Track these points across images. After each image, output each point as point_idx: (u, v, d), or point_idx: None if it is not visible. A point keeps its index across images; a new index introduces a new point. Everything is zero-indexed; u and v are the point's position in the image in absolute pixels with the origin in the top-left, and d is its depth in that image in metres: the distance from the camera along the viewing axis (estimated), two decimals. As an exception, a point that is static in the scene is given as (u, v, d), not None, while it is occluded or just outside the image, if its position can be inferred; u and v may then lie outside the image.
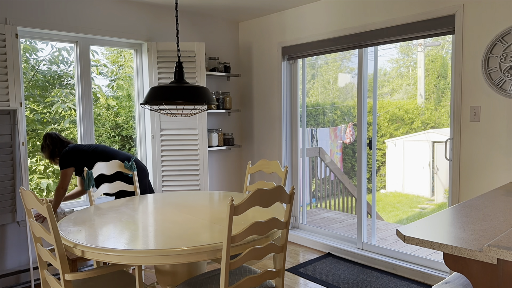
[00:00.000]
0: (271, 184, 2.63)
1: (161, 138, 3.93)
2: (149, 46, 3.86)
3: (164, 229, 2.05)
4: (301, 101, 4.35)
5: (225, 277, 1.74)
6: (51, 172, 3.97)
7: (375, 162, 3.94)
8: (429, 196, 7.63)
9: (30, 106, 3.75)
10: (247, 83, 4.67)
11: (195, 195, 2.89)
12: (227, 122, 4.64)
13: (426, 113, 7.71)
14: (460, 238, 1.49)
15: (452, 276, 1.89)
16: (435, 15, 3.09)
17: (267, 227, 1.83)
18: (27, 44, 3.63)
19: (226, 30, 4.58)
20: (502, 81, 2.78)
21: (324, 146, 6.72)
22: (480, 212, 1.87)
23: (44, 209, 1.80)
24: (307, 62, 4.42)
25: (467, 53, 2.96)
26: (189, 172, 3.96)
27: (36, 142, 3.83)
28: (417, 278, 3.30)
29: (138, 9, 3.85)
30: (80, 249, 1.83)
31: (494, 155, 2.88)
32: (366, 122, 3.77)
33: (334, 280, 3.34)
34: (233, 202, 1.69)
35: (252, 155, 4.69)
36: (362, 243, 3.81)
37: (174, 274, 2.26)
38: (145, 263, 1.77)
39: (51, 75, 3.87)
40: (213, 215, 2.30)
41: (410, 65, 7.90)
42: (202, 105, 2.63)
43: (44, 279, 2.10)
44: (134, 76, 4.04)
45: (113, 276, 2.23)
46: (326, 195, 5.99)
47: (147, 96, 2.41)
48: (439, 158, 7.24)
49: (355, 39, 3.62)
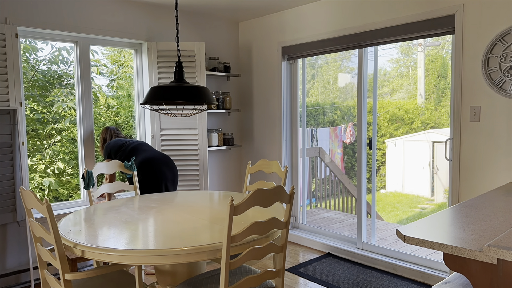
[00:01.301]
0: (271, 184, 2.62)
1: (161, 138, 3.93)
2: (149, 46, 3.86)
3: (164, 229, 2.05)
4: (301, 101, 4.35)
5: (225, 277, 1.74)
6: (51, 171, 3.98)
7: (375, 162, 3.94)
8: (429, 196, 7.63)
9: (30, 105, 3.75)
10: (247, 83, 4.67)
11: (195, 195, 2.89)
12: (227, 122, 4.64)
13: (426, 113, 7.71)
14: (460, 238, 1.49)
15: (452, 276, 1.89)
16: (435, 15, 3.09)
17: (267, 227, 1.83)
18: (27, 44, 3.63)
19: (226, 30, 4.58)
20: (502, 81, 2.78)
21: (324, 146, 6.72)
22: (480, 212, 1.87)
23: (44, 209, 1.80)
24: (307, 62, 4.42)
25: (467, 53, 2.96)
26: (189, 172, 3.95)
27: (36, 142, 3.84)
28: (417, 278, 3.30)
29: (138, 9, 3.85)
30: (80, 249, 1.83)
31: (494, 155, 2.88)
32: (366, 122, 3.77)
33: (334, 280, 3.34)
34: (233, 202, 1.69)
35: (252, 155, 4.69)
36: (362, 243, 3.81)
37: (174, 274, 2.26)
38: (145, 263, 1.77)
39: (51, 75, 3.87)
40: (213, 215, 2.30)
41: (410, 65, 7.91)
42: (202, 105, 2.64)
43: (44, 279, 2.10)
44: (134, 76, 4.04)
45: (113, 276, 2.23)
46: (326, 195, 5.99)
47: (147, 96, 2.41)
48: (439, 158, 7.24)
49: (355, 39, 3.62)
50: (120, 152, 3.30)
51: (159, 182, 3.21)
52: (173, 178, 3.33)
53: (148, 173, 3.18)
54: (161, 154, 3.33)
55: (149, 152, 3.31)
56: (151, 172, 3.19)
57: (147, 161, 3.20)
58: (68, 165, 4.05)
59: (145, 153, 3.28)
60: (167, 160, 3.31)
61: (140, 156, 3.23)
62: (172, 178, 3.31)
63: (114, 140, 3.41)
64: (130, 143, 3.36)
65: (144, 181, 3.17)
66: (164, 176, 3.24)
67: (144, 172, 3.17)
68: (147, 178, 3.18)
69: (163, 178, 3.24)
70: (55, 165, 3.99)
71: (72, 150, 4.05)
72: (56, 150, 3.97)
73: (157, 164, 3.22)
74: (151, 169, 3.19)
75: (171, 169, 3.31)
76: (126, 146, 3.33)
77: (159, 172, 3.22)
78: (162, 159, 3.28)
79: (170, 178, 3.29)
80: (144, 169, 3.18)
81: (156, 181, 3.20)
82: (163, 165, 3.25)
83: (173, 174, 3.32)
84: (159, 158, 3.27)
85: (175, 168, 3.35)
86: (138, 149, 3.31)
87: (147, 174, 3.18)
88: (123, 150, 3.30)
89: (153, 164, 3.21)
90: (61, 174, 4.05)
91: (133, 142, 3.38)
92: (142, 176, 3.17)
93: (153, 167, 3.20)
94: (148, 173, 3.18)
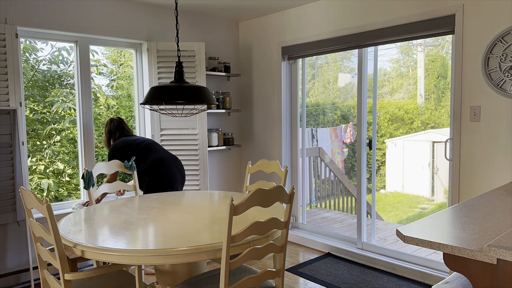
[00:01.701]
0: (271, 184, 2.62)
1: (161, 138, 3.93)
2: (149, 46, 3.86)
3: (164, 229, 2.05)
4: (301, 101, 4.35)
5: (225, 277, 1.74)
6: (51, 172, 3.97)
7: (375, 162, 3.94)
8: (429, 196, 7.63)
9: (30, 106, 3.75)
10: (247, 83, 4.67)
11: (195, 195, 2.89)
12: (227, 122, 4.64)
13: (426, 113, 7.71)
14: (460, 238, 1.49)
15: (452, 276, 1.89)
16: (435, 15, 3.09)
17: (267, 227, 1.83)
18: (27, 44, 3.63)
19: (226, 30, 4.58)
20: (502, 81, 2.78)
21: (325, 146, 6.72)
22: (480, 212, 1.87)
23: (44, 209, 1.80)
24: (307, 62, 4.42)
25: (467, 53, 2.96)
26: (189, 172, 3.95)
27: (36, 142, 3.83)
28: (417, 278, 3.30)
29: (138, 9, 3.85)
30: (80, 248, 1.83)
31: (494, 155, 2.88)
32: (366, 122, 3.77)
33: (334, 280, 3.34)
34: (233, 202, 1.69)
35: (252, 155, 4.69)
36: (362, 243, 3.81)
37: (174, 274, 2.26)
38: (145, 263, 1.77)
39: (51, 75, 3.87)
40: (213, 215, 2.30)
41: (410, 65, 7.91)
42: (202, 105, 2.64)
43: (44, 279, 2.10)
44: (134, 76, 4.04)
45: (113, 276, 2.23)
46: (326, 195, 5.99)
47: (147, 96, 2.41)
48: (439, 158, 7.24)
49: (355, 39, 3.62)
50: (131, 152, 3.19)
51: (169, 184, 3.18)
52: (182, 180, 3.30)
53: (159, 175, 3.14)
54: (171, 155, 3.29)
55: (161, 152, 3.25)
56: (162, 173, 3.15)
57: (159, 162, 3.15)
58: (68, 165, 4.05)
59: (158, 153, 3.21)
60: (177, 162, 3.28)
61: (152, 156, 3.17)
62: (181, 180, 3.29)
63: (120, 141, 3.28)
64: (139, 142, 3.26)
65: (153, 181, 3.14)
66: (174, 178, 3.21)
67: (154, 173, 3.13)
68: (157, 179, 3.14)
69: (174, 179, 3.21)
70: (55, 165, 3.99)
71: (72, 150, 4.04)
72: (56, 150, 3.97)
73: (169, 166, 3.18)
74: (162, 171, 3.15)
75: (180, 170, 3.28)
76: (136, 145, 3.23)
77: (170, 173, 3.18)
78: (173, 160, 3.24)
79: (180, 180, 3.26)
80: (155, 170, 3.13)
81: (166, 182, 3.17)
82: (174, 167, 3.22)
83: (182, 176, 3.30)
84: (170, 160, 3.22)
85: (183, 169, 3.32)
86: (151, 148, 3.22)
87: (157, 175, 3.14)
88: (134, 149, 3.20)
89: (165, 165, 3.17)
90: (61, 175, 4.05)
91: (143, 141, 3.28)
92: (151, 177, 3.13)
93: (164, 169, 3.16)
94: (159, 174, 3.14)
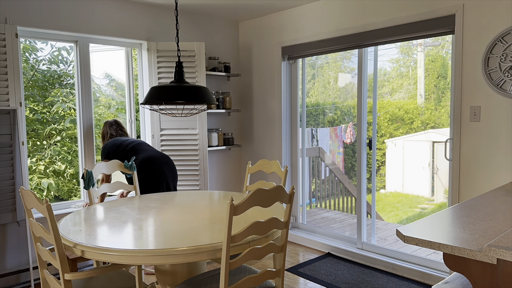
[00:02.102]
0: (271, 184, 2.62)
1: (161, 138, 3.93)
2: (149, 46, 3.86)
3: (164, 229, 2.05)
4: (301, 101, 4.35)
5: (225, 277, 1.74)
6: (51, 172, 3.98)
7: (375, 162, 3.94)
8: (429, 196, 7.63)
9: (30, 105, 3.75)
10: (247, 83, 4.67)
11: (195, 195, 2.89)
12: (227, 122, 4.64)
13: (426, 113, 7.71)
14: (460, 238, 1.49)
15: (452, 276, 1.89)
16: (435, 15, 3.09)
17: (267, 227, 1.83)
18: (27, 43, 3.63)
19: (226, 30, 4.58)
20: (502, 81, 2.78)
21: (325, 146, 6.72)
22: (480, 212, 1.87)
23: (44, 209, 1.80)
24: (307, 62, 4.42)
25: (467, 53, 2.96)
26: (189, 172, 3.95)
27: (36, 142, 3.83)
28: (417, 278, 3.30)
29: (138, 9, 3.85)
30: (80, 248, 1.83)
31: (494, 155, 2.88)
32: (366, 122, 3.77)
33: (334, 280, 3.34)
34: (233, 202, 1.69)
35: (252, 155, 4.69)
36: (362, 243, 3.81)
37: (174, 274, 2.26)
38: (145, 263, 1.77)
39: (51, 74, 3.87)
40: (213, 215, 2.30)
41: (410, 65, 7.90)
42: (202, 105, 2.64)
43: (44, 279, 2.10)
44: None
45: (113, 276, 2.23)
46: (326, 195, 5.99)
47: (147, 96, 2.41)
48: (439, 158, 7.24)
49: (355, 39, 3.62)
50: (119, 152, 3.29)
51: (159, 181, 3.22)
52: (173, 177, 3.33)
53: (149, 172, 3.18)
54: (160, 153, 3.33)
55: (149, 151, 3.31)
56: (151, 171, 3.19)
57: (148, 160, 3.20)
58: (70, 164, 4.05)
59: (145, 152, 3.28)
60: (167, 159, 3.32)
61: (140, 155, 3.23)
62: (172, 177, 3.32)
63: (111, 141, 3.39)
64: (128, 142, 3.35)
65: (145, 180, 3.17)
66: (164, 175, 3.24)
67: (144, 171, 3.17)
68: (147, 177, 3.18)
69: (164, 177, 3.24)
70: (55, 165, 3.99)
71: (73, 148, 4.04)
72: (56, 150, 3.97)
73: (158, 163, 3.22)
74: (151, 168, 3.19)
75: (171, 168, 3.31)
76: (125, 145, 3.32)
77: (160, 171, 3.22)
78: (162, 158, 3.29)
79: (171, 177, 3.30)
80: (145, 168, 3.18)
81: (157, 180, 3.21)
82: (163, 164, 3.26)
83: (173, 173, 3.33)
84: (159, 157, 3.27)
85: (174, 167, 3.36)
86: (137, 148, 3.30)
87: (147, 173, 3.18)
88: (122, 149, 3.29)
89: (154, 163, 3.21)
90: (61, 175, 4.05)
91: (131, 142, 3.37)
92: (142, 175, 3.17)
93: (153, 166, 3.20)
94: (149, 172, 3.18)
